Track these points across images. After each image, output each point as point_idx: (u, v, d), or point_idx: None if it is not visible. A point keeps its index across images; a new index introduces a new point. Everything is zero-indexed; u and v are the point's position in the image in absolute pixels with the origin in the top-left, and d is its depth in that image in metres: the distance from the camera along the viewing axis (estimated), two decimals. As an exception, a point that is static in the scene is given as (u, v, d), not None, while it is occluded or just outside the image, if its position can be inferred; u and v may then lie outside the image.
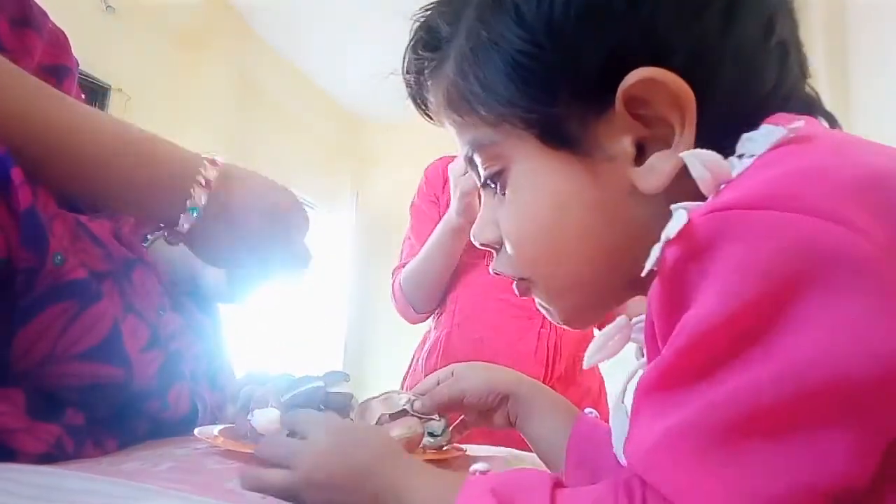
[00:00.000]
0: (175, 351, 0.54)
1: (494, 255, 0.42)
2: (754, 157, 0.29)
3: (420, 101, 0.43)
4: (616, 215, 0.34)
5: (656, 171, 0.33)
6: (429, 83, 0.40)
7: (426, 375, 1.08)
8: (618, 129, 0.33)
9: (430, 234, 1.13)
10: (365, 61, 3.69)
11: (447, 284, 1.14)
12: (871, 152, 0.27)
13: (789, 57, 0.35)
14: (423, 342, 1.18)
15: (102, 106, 2.65)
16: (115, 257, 0.53)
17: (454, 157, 1.18)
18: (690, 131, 0.32)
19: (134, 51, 2.80)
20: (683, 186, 0.31)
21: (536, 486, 0.29)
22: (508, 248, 0.40)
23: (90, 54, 2.50)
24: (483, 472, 0.42)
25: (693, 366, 0.25)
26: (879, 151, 0.27)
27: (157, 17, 2.94)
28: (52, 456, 0.42)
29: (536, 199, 0.37)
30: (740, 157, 0.30)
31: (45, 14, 0.59)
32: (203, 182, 0.48)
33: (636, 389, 0.28)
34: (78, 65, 0.62)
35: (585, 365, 0.41)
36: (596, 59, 0.33)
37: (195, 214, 0.48)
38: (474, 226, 0.43)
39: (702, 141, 0.32)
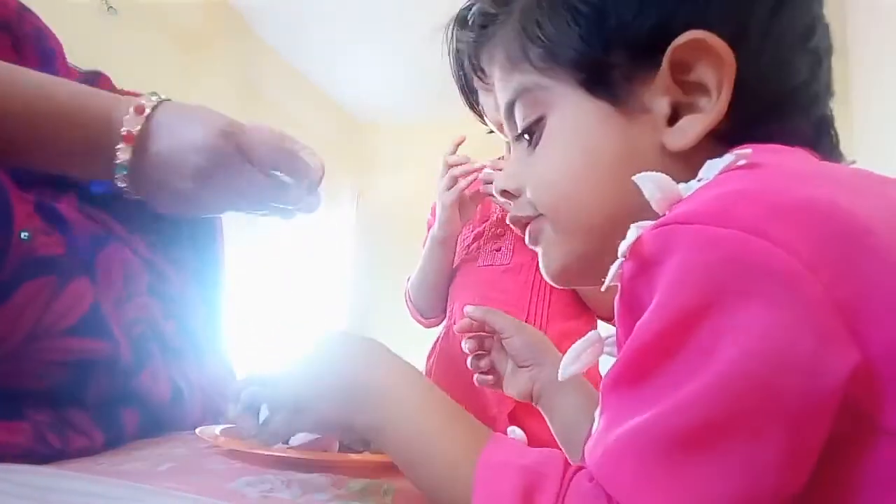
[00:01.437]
0: (139, 335, 0.53)
1: (513, 204, 0.44)
2: (706, 181, 0.31)
3: (474, 59, 0.46)
4: (642, 170, 0.34)
5: (685, 132, 0.35)
6: (490, 37, 0.43)
7: (428, 377, 1.09)
8: (658, 89, 0.36)
9: None
10: (366, 63, 3.69)
11: (446, 289, 1.16)
12: (815, 184, 0.28)
13: (821, 65, 0.37)
14: None
15: (104, 107, 2.65)
16: (80, 239, 0.50)
17: None
18: (726, 98, 0.34)
19: (135, 52, 2.80)
20: (710, 152, 0.33)
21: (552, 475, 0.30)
22: (529, 192, 0.41)
23: (92, 55, 2.50)
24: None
25: (637, 373, 0.27)
26: (826, 183, 0.28)
27: (159, 18, 2.95)
28: (35, 451, 0.41)
29: (571, 144, 0.39)
30: (699, 181, 0.31)
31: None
32: (125, 135, 0.46)
33: (604, 381, 0.30)
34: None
35: (560, 377, 0.42)
36: (652, 17, 0.35)
37: (125, 173, 0.46)
38: (499, 176, 0.45)
39: (731, 116, 0.34)
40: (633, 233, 0.29)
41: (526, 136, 0.41)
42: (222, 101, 3.70)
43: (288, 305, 3.37)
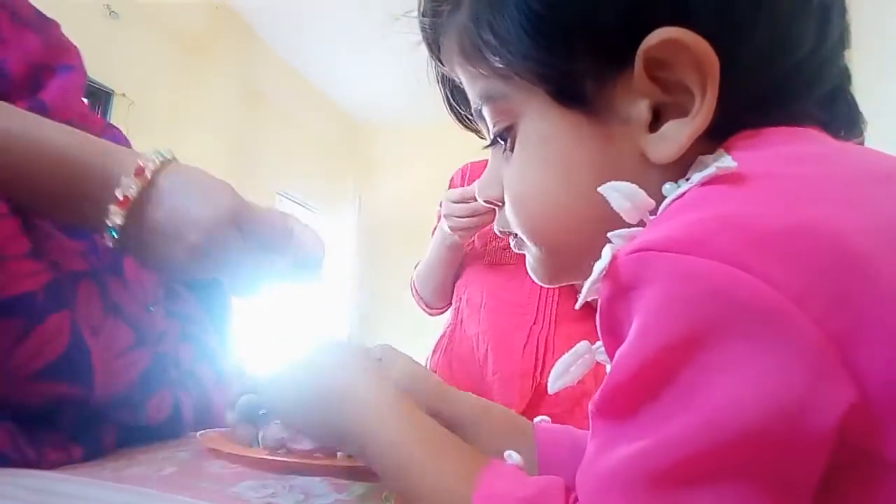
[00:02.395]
0: (162, 353, 0.52)
1: (497, 212, 0.41)
2: (690, 185, 0.29)
3: (434, 47, 0.41)
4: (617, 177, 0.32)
5: (669, 139, 0.31)
6: (443, 28, 0.38)
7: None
8: (635, 92, 0.32)
9: None
10: (368, 66, 3.70)
11: (453, 283, 1.17)
12: (807, 200, 0.26)
13: (830, 22, 0.33)
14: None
15: (105, 110, 2.66)
16: (103, 247, 0.49)
17: (479, 161, 1.19)
18: (712, 99, 0.30)
19: (137, 56, 2.81)
20: (700, 150, 0.31)
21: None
22: (508, 206, 0.38)
23: (93, 59, 2.50)
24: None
25: (622, 405, 0.26)
26: (821, 196, 0.26)
27: (161, 22, 2.96)
28: (8, 457, 0.40)
29: (544, 159, 0.35)
30: (688, 179, 0.29)
31: (55, 26, 0.59)
32: (120, 199, 0.43)
33: (591, 408, 0.29)
34: (86, 75, 0.61)
35: (550, 390, 0.39)
36: (617, 14, 0.31)
37: (114, 235, 0.43)
38: (478, 182, 0.42)
39: (724, 111, 0.30)
40: (607, 252, 0.28)
41: (499, 139, 0.38)
42: (225, 105, 3.72)
43: (290, 308, 3.37)
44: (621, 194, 0.30)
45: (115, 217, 0.42)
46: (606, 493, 0.26)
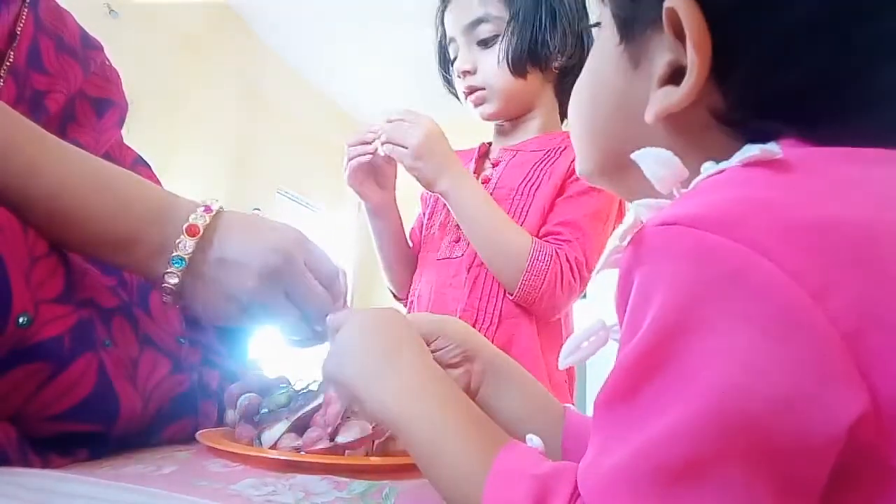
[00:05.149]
0: (195, 381, 0.54)
1: None
2: (730, 164, 0.29)
3: None
4: (634, 123, 0.35)
5: (656, 100, 0.33)
6: None
7: None
8: (663, 48, 0.33)
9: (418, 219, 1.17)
10: (368, 66, 3.70)
11: (401, 258, 1.14)
12: (830, 196, 0.26)
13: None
14: None
15: (105, 110, 2.66)
16: (130, 283, 0.52)
17: (464, 151, 1.17)
18: (700, 71, 0.30)
19: (137, 55, 2.80)
20: (716, 142, 0.31)
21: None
22: None
23: (93, 59, 2.51)
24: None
25: (627, 390, 0.26)
26: (856, 198, 0.26)
27: (161, 22, 2.96)
28: (11, 460, 0.40)
29: (594, 62, 0.40)
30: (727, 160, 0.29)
31: (98, 50, 0.61)
32: (190, 229, 0.45)
33: (595, 399, 0.28)
34: (128, 105, 0.63)
35: (561, 366, 0.39)
36: None
37: (181, 266, 0.45)
38: None
39: (751, 105, 0.31)
40: (630, 217, 0.28)
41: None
42: (226, 106, 3.70)
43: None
44: (656, 161, 0.30)
45: (186, 247, 0.45)
46: (607, 490, 0.25)
